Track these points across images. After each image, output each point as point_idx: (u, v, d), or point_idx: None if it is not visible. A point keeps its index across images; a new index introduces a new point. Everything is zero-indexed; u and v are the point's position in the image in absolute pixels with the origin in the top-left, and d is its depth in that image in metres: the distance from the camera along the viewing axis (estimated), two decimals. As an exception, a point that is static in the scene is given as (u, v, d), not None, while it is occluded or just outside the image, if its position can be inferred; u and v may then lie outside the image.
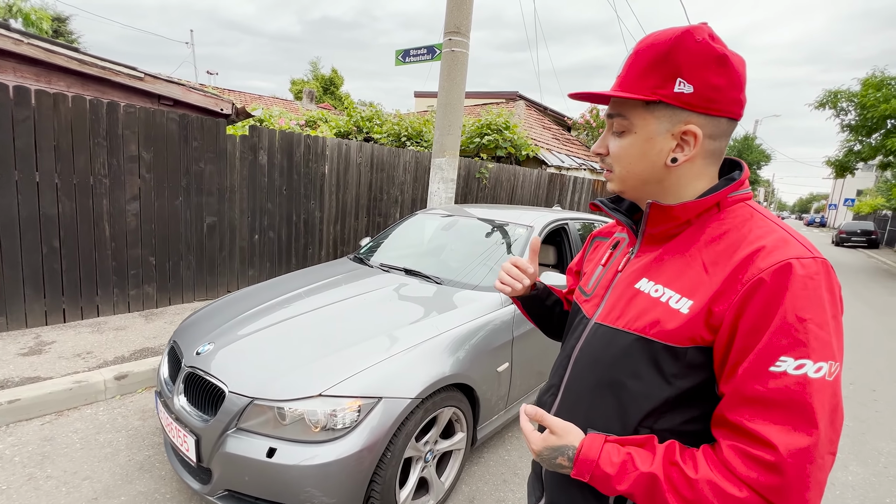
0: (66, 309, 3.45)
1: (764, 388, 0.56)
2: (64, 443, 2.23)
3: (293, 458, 1.48)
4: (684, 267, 0.67)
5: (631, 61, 0.68)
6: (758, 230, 0.63)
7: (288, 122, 8.47)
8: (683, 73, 0.64)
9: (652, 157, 0.69)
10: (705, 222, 0.69)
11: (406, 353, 1.79)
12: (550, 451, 0.69)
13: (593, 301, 0.81)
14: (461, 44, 4.86)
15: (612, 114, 0.71)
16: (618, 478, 0.62)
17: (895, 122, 11.06)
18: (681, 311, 0.64)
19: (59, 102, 3.21)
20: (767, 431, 0.55)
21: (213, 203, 4.16)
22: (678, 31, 0.64)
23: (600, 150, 0.75)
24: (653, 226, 0.72)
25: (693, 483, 0.58)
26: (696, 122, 0.65)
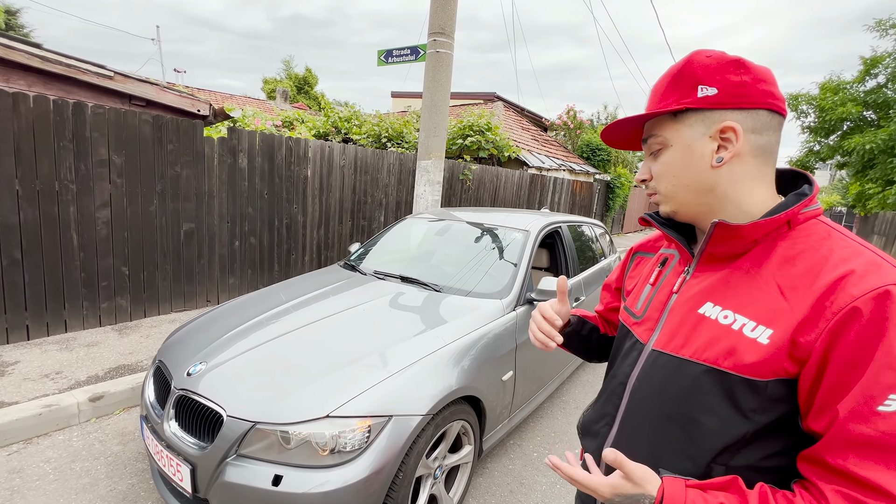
0: (29, 325, 3.20)
1: (872, 431, 0.51)
2: (35, 474, 2.04)
3: (301, 486, 1.39)
4: (756, 291, 0.62)
5: (652, 93, 0.73)
6: (840, 251, 0.59)
7: (264, 123, 8.21)
8: (703, 81, 0.65)
9: (695, 163, 0.67)
10: (774, 241, 0.64)
11: (412, 367, 1.72)
12: (624, 498, 0.62)
13: (646, 325, 0.75)
14: (446, 45, 4.81)
15: (646, 137, 0.73)
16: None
17: (851, 124, 11.70)
18: (758, 340, 0.59)
19: (19, 102, 2.97)
20: (880, 478, 0.50)
21: (191, 209, 3.96)
22: (685, 58, 0.69)
23: (644, 175, 0.75)
24: (716, 246, 0.67)
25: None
26: (732, 119, 0.64)
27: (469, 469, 2.00)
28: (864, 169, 11.70)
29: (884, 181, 11.15)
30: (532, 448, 2.52)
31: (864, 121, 11.53)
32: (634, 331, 0.78)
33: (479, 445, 2.03)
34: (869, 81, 11.45)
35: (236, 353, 1.81)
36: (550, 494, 2.15)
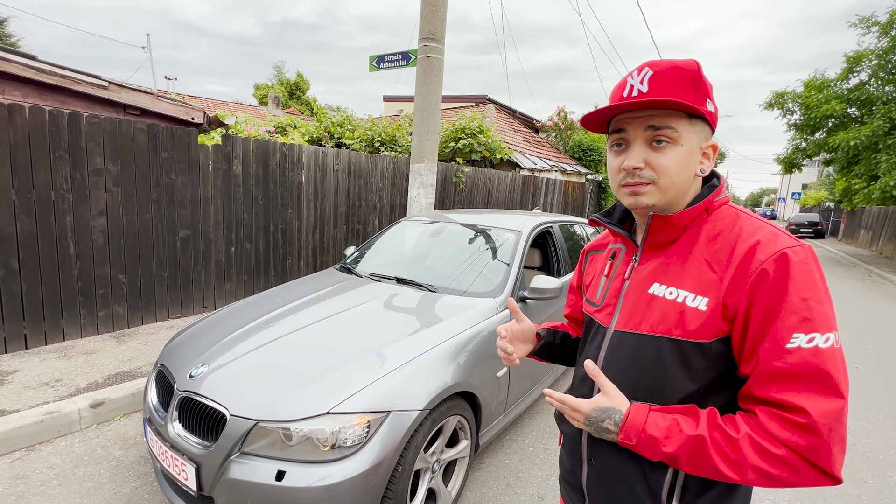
0: (27, 334, 3.22)
1: (784, 364, 0.63)
2: (39, 480, 2.07)
3: (304, 481, 1.44)
4: (691, 268, 0.74)
5: (658, 78, 0.72)
6: (748, 227, 0.72)
7: (257, 129, 8.24)
8: (710, 96, 0.75)
9: (690, 168, 0.76)
10: (699, 226, 0.77)
11: (409, 364, 1.77)
12: (599, 412, 0.73)
13: (606, 310, 0.85)
14: (436, 49, 4.88)
15: (660, 126, 0.73)
16: (665, 440, 0.67)
17: (836, 121, 11.93)
18: (699, 308, 0.70)
19: (15, 114, 3.00)
20: (795, 399, 0.62)
21: (186, 216, 3.99)
22: (694, 62, 0.73)
23: (639, 164, 0.74)
24: (654, 234, 0.79)
25: (735, 442, 0.64)
26: (713, 139, 0.78)
27: (466, 463, 2.06)
28: (849, 165, 11.93)
29: (869, 176, 11.38)
30: (528, 443, 2.58)
31: (849, 117, 11.76)
32: (596, 317, 0.88)
33: (475, 440, 2.09)
34: (852, 79, 11.69)
35: (237, 354, 1.85)
36: (546, 487, 2.21)
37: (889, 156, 9.96)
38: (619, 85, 0.78)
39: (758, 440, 0.62)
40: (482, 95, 13.70)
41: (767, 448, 0.62)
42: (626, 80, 0.76)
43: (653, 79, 0.72)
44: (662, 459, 0.69)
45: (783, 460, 0.61)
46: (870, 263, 11.99)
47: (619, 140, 0.78)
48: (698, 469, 0.66)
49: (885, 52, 10.50)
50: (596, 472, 0.83)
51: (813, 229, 21.65)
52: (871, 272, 10.78)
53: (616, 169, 0.79)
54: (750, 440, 0.63)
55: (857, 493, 2.30)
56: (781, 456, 0.61)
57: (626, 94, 0.74)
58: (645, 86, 0.72)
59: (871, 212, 16.77)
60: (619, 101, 0.75)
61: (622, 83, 0.76)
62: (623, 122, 0.76)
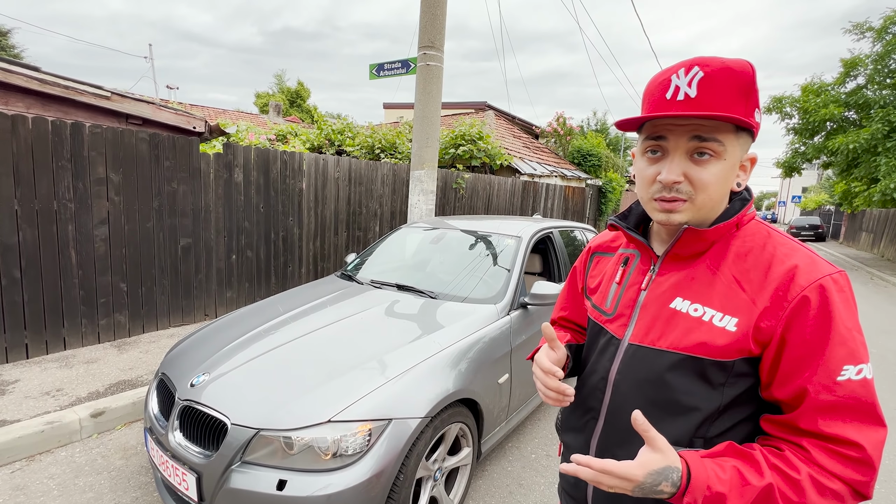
0: (28, 344, 3.22)
1: (834, 397, 0.62)
2: (39, 490, 2.06)
3: (305, 490, 1.43)
4: (718, 285, 0.70)
5: (709, 82, 0.64)
6: (782, 248, 0.70)
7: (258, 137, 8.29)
8: (758, 106, 0.69)
9: (730, 182, 0.71)
10: (727, 241, 0.73)
11: (410, 371, 1.77)
12: (655, 475, 0.60)
13: (620, 321, 0.80)
14: (436, 57, 4.92)
15: (707, 138, 0.66)
16: (731, 494, 0.60)
17: (834, 124, 11.97)
18: (727, 328, 0.67)
19: (18, 124, 3.03)
20: (847, 432, 0.61)
21: (188, 224, 4.00)
22: (749, 64, 0.65)
23: (678, 178, 0.68)
24: (681, 247, 0.74)
25: (797, 483, 0.60)
26: (752, 151, 0.73)
27: (468, 471, 2.04)
28: (848, 168, 11.95)
29: (868, 179, 11.39)
30: (530, 450, 2.56)
31: (847, 121, 11.80)
32: (608, 327, 0.82)
33: (477, 448, 2.08)
34: (849, 83, 11.75)
35: (238, 363, 1.85)
36: (549, 495, 2.19)
37: (889, 158, 9.97)
38: (660, 82, 0.69)
39: (818, 479, 0.60)
40: (482, 102, 13.78)
41: (827, 486, 0.60)
42: (669, 77, 0.67)
43: (703, 82, 0.64)
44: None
45: (836, 494, 0.60)
46: (872, 266, 11.96)
47: (655, 147, 0.70)
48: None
49: (881, 57, 10.56)
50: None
51: (814, 232, 21.62)
52: (873, 275, 10.76)
53: (650, 179, 0.71)
54: (812, 480, 0.60)
55: (863, 499, 2.28)
56: (836, 490, 0.60)
57: (671, 95, 0.66)
58: (693, 89, 0.64)
59: (872, 214, 16.77)
60: (662, 103, 0.67)
61: (664, 81, 0.68)
62: (664, 128, 0.69)
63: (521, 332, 2.39)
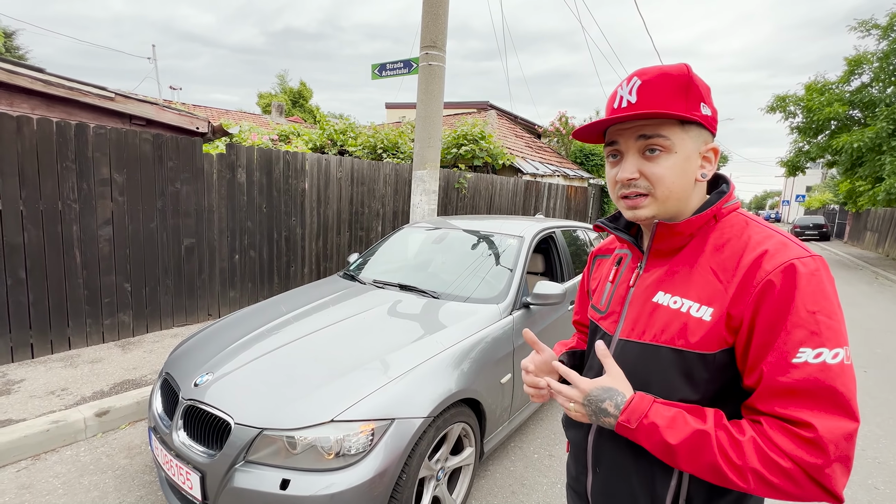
0: (34, 343, 3.24)
1: (789, 380, 0.61)
2: (44, 489, 2.08)
3: (308, 489, 1.44)
4: (696, 277, 0.72)
5: (646, 88, 0.71)
6: (757, 236, 0.70)
7: (260, 138, 8.31)
8: (705, 100, 0.73)
9: (689, 174, 0.74)
10: (706, 233, 0.75)
11: (413, 371, 1.77)
12: (601, 391, 0.71)
13: (611, 318, 0.84)
14: (438, 57, 4.93)
15: (651, 135, 0.72)
16: (667, 429, 0.65)
17: (838, 123, 11.90)
18: (703, 318, 0.69)
19: (23, 125, 3.05)
20: (802, 414, 0.60)
21: (191, 224, 4.02)
22: (685, 66, 0.72)
23: (633, 175, 0.74)
24: (660, 242, 0.77)
25: (739, 444, 0.62)
26: (712, 142, 0.76)
27: (471, 471, 2.04)
28: (853, 167, 11.87)
29: (873, 178, 11.32)
30: (533, 450, 2.56)
31: (851, 120, 11.74)
32: (601, 325, 0.86)
33: (480, 447, 2.08)
34: (854, 81, 11.68)
35: (241, 363, 1.86)
36: (552, 494, 2.19)
37: (894, 157, 9.91)
38: (611, 96, 0.77)
39: (763, 447, 0.61)
40: (484, 101, 13.77)
41: (773, 458, 0.60)
42: (616, 90, 0.75)
43: (641, 88, 0.71)
44: (660, 451, 0.67)
45: (787, 473, 0.59)
46: (877, 266, 11.89)
47: (613, 151, 0.78)
48: (696, 466, 0.64)
49: (886, 55, 10.49)
50: (600, 480, 0.82)
51: (818, 232, 21.50)
52: (878, 275, 10.69)
53: (612, 181, 0.78)
54: (755, 445, 0.61)
55: (867, 500, 2.27)
56: (786, 469, 0.59)
57: (617, 105, 0.74)
58: (633, 96, 0.72)
59: (877, 214, 16.67)
60: (611, 113, 0.75)
61: (613, 94, 0.76)
62: (615, 134, 0.76)
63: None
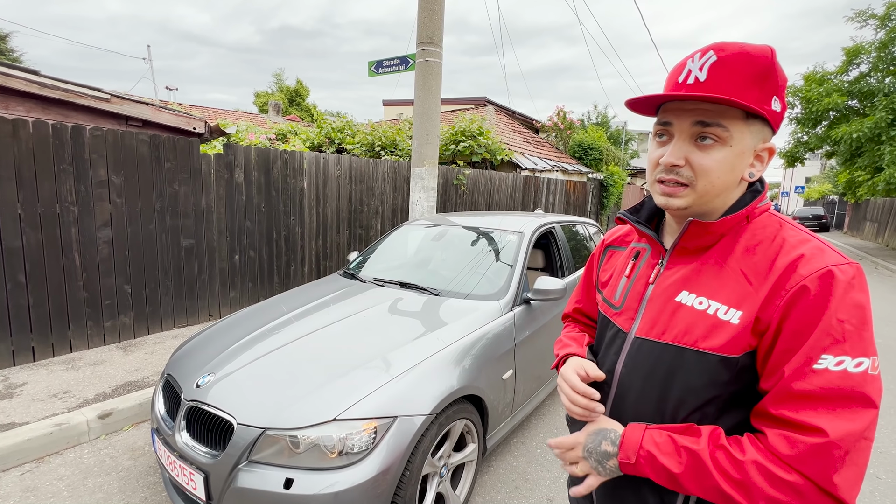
0: (35, 347, 3.24)
1: (807, 385, 0.58)
2: (49, 492, 2.08)
3: (312, 488, 1.44)
4: (726, 278, 0.69)
5: (721, 67, 0.64)
6: (791, 239, 0.67)
7: (258, 137, 8.29)
8: (779, 94, 0.66)
9: (737, 171, 0.69)
10: (737, 233, 0.71)
11: (415, 369, 1.77)
12: (594, 435, 0.73)
13: (626, 314, 0.80)
14: (434, 53, 4.90)
15: (710, 122, 0.66)
16: (664, 456, 0.65)
17: (837, 113, 11.87)
18: (731, 321, 0.66)
19: (19, 129, 3.03)
20: (812, 419, 0.57)
21: (190, 225, 4.01)
22: (769, 49, 0.65)
23: (679, 161, 0.68)
24: (689, 240, 0.73)
25: (740, 464, 0.59)
26: (771, 141, 0.70)
27: (474, 467, 2.05)
28: (852, 157, 11.87)
29: (872, 168, 11.31)
30: (535, 445, 2.57)
31: (850, 110, 11.71)
32: (616, 321, 0.83)
33: (482, 443, 2.09)
34: (852, 71, 11.64)
35: (243, 363, 1.86)
36: (555, 489, 2.20)
37: (893, 147, 9.90)
38: (678, 66, 0.69)
39: (765, 464, 0.58)
40: (481, 97, 13.74)
41: (776, 473, 0.57)
42: (685, 61, 0.68)
43: (715, 66, 0.64)
44: (666, 480, 0.65)
45: (793, 487, 0.56)
46: (876, 256, 11.90)
47: (662, 131, 0.71)
48: (703, 489, 0.62)
49: (884, 45, 10.45)
50: (608, 485, 0.79)
51: (817, 223, 21.49)
52: (877, 264, 10.70)
53: (654, 161, 0.72)
54: (756, 465, 0.58)
55: (869, 490, 2.28)
56: (792, 483, 0.56)
57: (683, 79, 0.67)
58: (704, 73, 0.65)
59: (877, 204, 16.66)
60: (674, 88, 0.68)
61: (681, 65, 0.68)
62: (670, 113, 0.69)
63: (524, 328, 2.39)
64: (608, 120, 21.56)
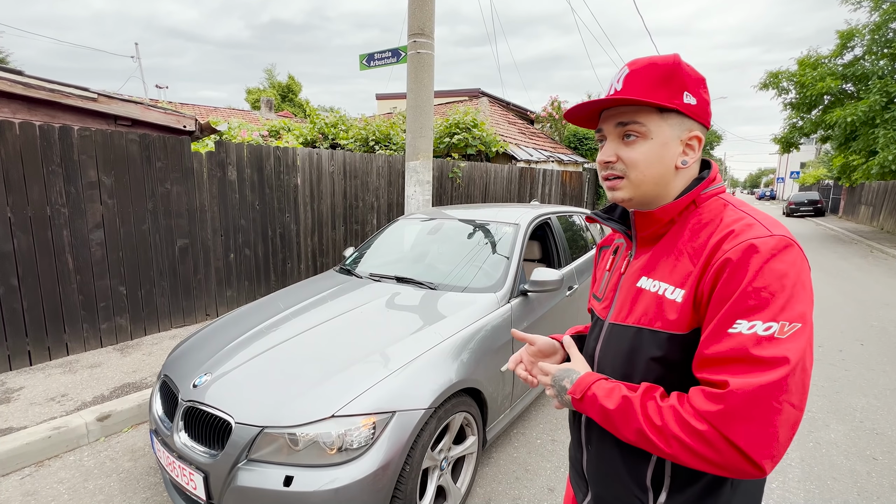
0: (31, 350, 3.22)
1: (721, 348, 0.63)
2: (49, 495, 2.08)
3: (312, 485, 1.44)
4: (674, 261, 0.75)
5: (632, 77, 0.75)
6: (728, 218, 0.72)
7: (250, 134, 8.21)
8: (689, 89, 0.75)
9: (666, 161, 0.76)
10: (686, 219, 0.77)
11: (413, 363, 1.77)
12: (562, 371, 0.82)
13: (605, 304, 0.88)
14: (426, 45, 4.85)
15: (627, 121, 0.76)
16: (605, 398, 0.73)
17: (832, 98, 11.85)
18: (676, 300, 0.72)
19: (6, 130, 2.99)
20: (721, 376, 0.62)
21: (184, 224, 3.98)
22: (672, 56, 0.75)
23: (610, 158, 0.78)
24: (641, 230, 0.81)
25: (659, 409, 0.67)
26: (698, 130, 0.77)
27: (474, 459, 2.06)
28: (846, 141, 11.87)
29: (867, 152, 11.31)
30: (535, 435, 2.58)
31: (845, 94, 11.68)
32: (596, 310, 0.92)
33: (482, 436, 2.09)
34: (846, 55, 11.60)
35: (239, 362, 1.85)
36: (555, 478, 2.21)
37: (887, 130, 9.90)
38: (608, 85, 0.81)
39: (681, 412, 0.64)
40: (475, 89, 13.62)
41: (688, 421, 0.62)
42: (611, 80, 0.80)
43: (628, 77, 0.75)
44: (600, 418, 0.73)
45: (702, 435, 0.61)
46: (871, 239, 11.96)
47: (600, 137, 0.82)
48: (628, 431, 0.69)
49: (878, 27, 10.41)
50: (593, 457, 0.86)
51: (813, 207, 21.56)
52: (872, 248, 10.76)
53: (599, 163, 0.82)
54: (673, 410, 0.65)
55: (866, 471, 2.30)
56: (702, 431, 0.61)
57: (607, 92, 0.79)
58: (620, 84, 0.76)
59: (871, 187, 16.71)
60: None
61: (610, 83, 0.80)
62: (602, 121, 0.81)
63: (521, 320, 2.39)
64: (603, 109, 21.45)
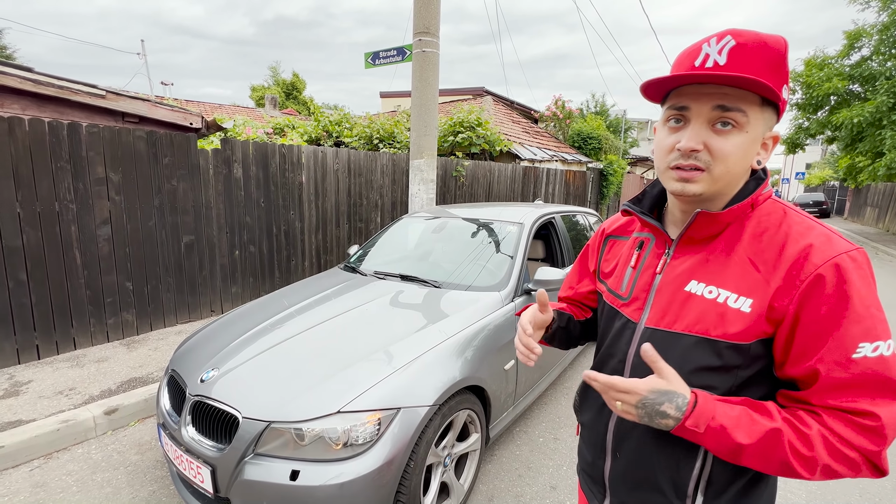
0: (39, 345, 3.25)
1: (849, 375, 0.61)
2: (58, 487, 2.11)
3: (318, 479, 1.46)
4: (733, 267, 0.70)
5: (740, 52, 0.64)
6: (798, 227, 0.69)
7: (255, 132, 8.24)
8: (788, 83, 0.68)
9: (749, 157, 0.69)
10: (742, 222, 0.72)
11: (417, 361, 1.79)
12: (658, 394, 0.65)
13: (635, 305, 0.81)
14: (431, 44, 4.85)
15: (731, 107, 0.65)
16: (736, 430, 0.63)
17: (838, 98, 11.77)
18: (741, 309, 0.67)
19: (15, 127, 3.02)
20: (861, 404, 0.61)
21: (190, 221, 4.01)
22: (783, 39, 0.65)
23: (697, 146, 0.67)
24: (696, 230, 0.74)
25: (807, 438, 0.61)
26: (776, 130, 0.72)
27: (477, 456, 2.07)
28: (853, 142, 11.79)
29: (873, 153, 11.24)
30: (538, 434, 2.60)
31: (851, 94, 11.60)
32: (624, 311, 0.83)
33: (486, 433, 2.11)
34: (853, 55, 11.52)
35: (246, 357, 1.87)
36: (557, 477, 2.23)
37: (894, 132, 9.83)
38: (689, 51, 0.69)
39: (831, 441, 0.61)
40: (479, 87, 13.61)
41: (841, 450, 0.60)
42: (700, 46, 0.67)
43: (735, 50, 0.64)
44: (726, 452, 0.64)
45: (851, 461, 0.61)
46: (877, 241, 11.89)
47: (678, 116, 0.70)
48: (765, 463, 0.63)
49: (887, 27, 10.33)
50: (621, 465, 0.81)
51: (818, 209, 21.42)
52: (878, 250, 10.70)
53: (668, 148, 0.70)
54: (823, 440, 0.61)
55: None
56: (851, 458, 0.60)
57: (700, 63, 0.66)
58: (724, 57, 0.64)
59: (877, 189, 16.61)
60: (691, 70, 0.67)
61: (695, 49, 0.68)
62: (687, 97, 0.68)
63: (525, 319, 2.40)
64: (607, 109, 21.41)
